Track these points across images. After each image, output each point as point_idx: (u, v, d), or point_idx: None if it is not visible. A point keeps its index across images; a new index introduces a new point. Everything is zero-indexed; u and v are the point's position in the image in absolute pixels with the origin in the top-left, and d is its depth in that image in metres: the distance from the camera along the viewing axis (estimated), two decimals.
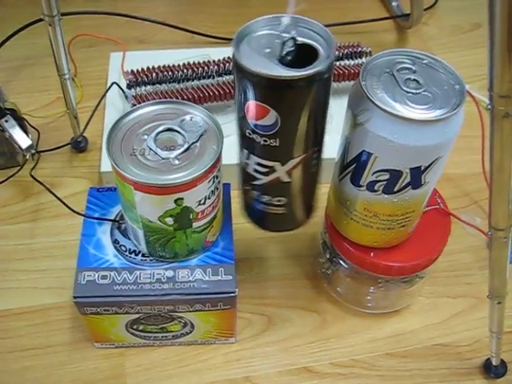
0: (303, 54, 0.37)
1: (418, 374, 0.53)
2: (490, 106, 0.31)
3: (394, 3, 0.93)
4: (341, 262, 0.53)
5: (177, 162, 0.41)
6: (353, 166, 0.43)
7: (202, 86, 0.65)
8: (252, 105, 0.37)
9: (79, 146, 0.69)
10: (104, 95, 0.66)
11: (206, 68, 0.66)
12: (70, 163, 0.69)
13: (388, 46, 0.88)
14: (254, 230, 0.52)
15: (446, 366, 0.54)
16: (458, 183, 0.69)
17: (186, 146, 0.41)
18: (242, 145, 0.42)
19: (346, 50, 0.69)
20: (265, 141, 0.39)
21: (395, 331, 0.56)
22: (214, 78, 0.66)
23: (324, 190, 0.50)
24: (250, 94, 0.37)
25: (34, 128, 0.68)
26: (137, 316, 0.48)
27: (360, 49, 0.70)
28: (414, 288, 0.55)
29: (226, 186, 0.51)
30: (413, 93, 0.39)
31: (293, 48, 0.37)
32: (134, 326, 0.49)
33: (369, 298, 0.56)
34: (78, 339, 0.53)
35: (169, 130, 0.43)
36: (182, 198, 0.41)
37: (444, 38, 0.92)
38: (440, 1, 0.98)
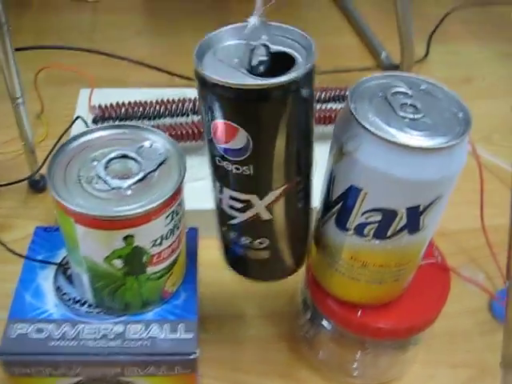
0: (279, 65, 0.31)
1: None
2: None
3: (383, 55, 0.90)
4: (323, 322, 0.46)
5: (129, 192, 0.34)
6: (338, 205, 0.36)
7: (176, 123, 0.59)
8: (219, 125, 0.31)
9: (37, 185, 0.62)
10: (66, 130, 0.60)
11: (180, 105, 0.61)
12: (25, 204, 0.62)
13: None
14: (224, 282, 0.45)
15: None
16: (454, 239, 0.63)
17: (141, 174, 0.35)
18: (214, 176, 0.35)
19: (332, 93, 0.64)
20: (237, 169, 0.32)
21: None
22: (188, 115, 0.60)
23: None
24: (216, 111, 0.31)
25: None
26: (77, 380, 0.39)
27: (347, 92, 0.65)
28: (407, 355, 0.47)
29: (192, 231, 0.44)
30: (410, 118, 0.33)
31: (265, 57, 0.31)
32: None
33: (355, 365, 0.48)
34: None
35: (123, 156, 0.36)
36: (133, 236, 0.34)
37: None
38: (431, 54, 0.96)
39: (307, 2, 1.10)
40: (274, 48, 0.31)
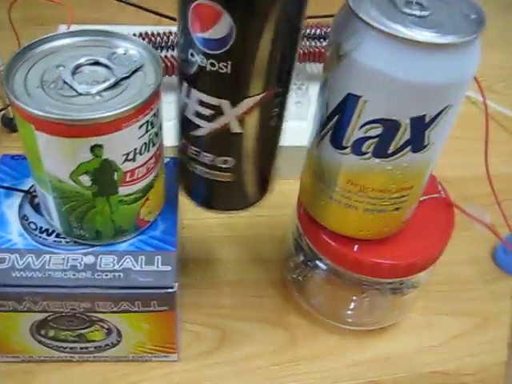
0: None
1: None
2: None
3: None
4: (317, 262, 0.42)
5: (98, 98, 0.30)
6: (334, 119, 0.32)
7: (160, 56, 0.55)
8: (199, 7, 0.27)
9: (11, 123, 0.58)
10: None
11: (165, 38, 0.56)
12: None
13: None
14: (208, 227, 0.41)
15: None
16: (458, 187, 0.59)
17: (112, 80, 0.31)
18: (182, 76, 0.31)
19: (324, 29, 0.60)
20: (212, 65, 0.28)
21: (382, 354, 0.45)
22: (173, 49, 0.56)
23: (291, 187, 0.41)
24: None
25: None
26: (44, 316, 0.36)
27: None
28: (404, 300, 0.44)
29: (174, 160, 0.40)
30: (417, 15, 0.29)
31: None
32: (42, 332, 0.37)
33: (350, 310, 0.45)
34: None
35: (94, 63, 0.32)
36: (102, 146, 0.30)
37: None
38: None
39: None
40: None
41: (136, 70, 0.32)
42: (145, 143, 0.32)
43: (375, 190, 0.34)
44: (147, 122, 0.31)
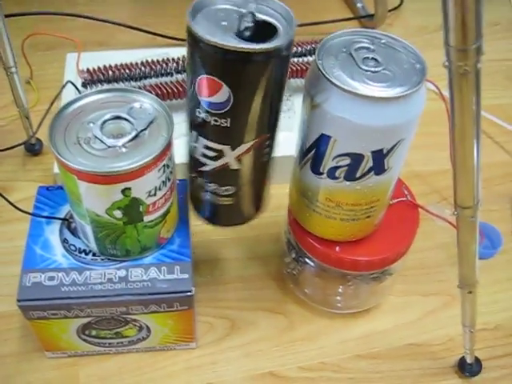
0: (262, 32, 0.34)
1: (390, 376, 0.51)
2: (447, 63, 0.28)
3: (358, 4, 0.93)
4: (307, 260, 0.50)
5: (124, 149, 0.38)
6: (312, 152, 0.41)
7: (161, 83, 0.63)
8: (204, 80, 0.34)
9: (33, 148, 0.66)
10: (58, 94, 0.63)
11: (164, 65, 0.64)
12: (23, 167, 0.66)
13: None
14: (215, 231, 0.50)
15: (419, 367, 0.51)
16: (427, 180, 0.67)
17: (133, 133, 0.39)
18: (191, 126, 0.39)
19: (308, 47, 0.67)
20: (215, 121, 0.36)
21: (365, 332, 0.54)
22: (172, 75, 0.63)
23: (283, 191, 0.48)
24: (204, 67, 0.34)
25: None
26: (88, 320, 0.44)
27: None
28: (383, 285, 0.52)
29: (183, 182, 0.48)
30: (372, 71, 0.37)
31: (251, 24, 0.35)
32: (86, 332, 0.46)
33: (338, 297, 0.53)
34: (28, 349, 0.50)
35: (116, 117, 0.40)
36: (130, 188, 0.38)
37: (409, 38, 0.89)
38: (405, 2, 0.98)
39: None
40: (260, 17, 0.35)
41: (151, 122, 0.40)
42: (163, 181, 0.40)
43: (348, 204, 0.42)
44: (164, 165, 0.39)
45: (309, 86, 0.39)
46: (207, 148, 0.39)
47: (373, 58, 0.38)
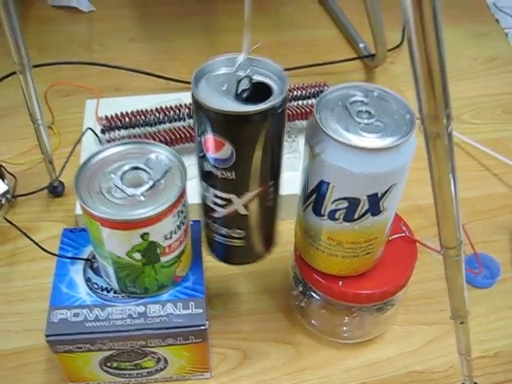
0: (259, 91, 0.39)
1: None
2: (421, 128, 0.32)
3: (361, 45, 0.97)
4: (313, 294, 0.54)
5: (142, 198, 0.42)
6: (313, 196, 0.44)
7: (174, 128, 0.67)
8: (209, 139, 0.39)
9: (56, 190, 0.70)
10: (79, 140, 0.68)
11: (177, 111, 0.68)
12: (47, 208, 0.70)
13: None
14: (226, 267, 0.53)
15: None
16: (428, 213, 0.71)
17: (151, 182, 0.43)
18: (202, 178, 0.43)
19: (312, 90, 0.72)
20: (222, 174, 0.40)
21: (370, 360, 0.57)
22: (185, 120, 0.68)
23: (290, 226, 0.52)
24: (208, 128, 0.38)
25: (10, 174, 0.70)
26: (110, 353, 0.48)
27: (326, 88, 0.72)
28: (387, 315, 0.55)
29: (196, 223, 0.52)
30: (365, 123, 0.41)
31: (248, 86, 0.39)
32: (108, 364, 0.49)
33: (343, 328, 0.57)
34: (53, 381, 0.54)
35: (135, 168, 0.44)
36: (148, 233, 0.42)
37: (409, 75, 0.95)
38: (406, 40, 1.02)
39: None
40: (256, 78, 0.39)
41: (166, 172, 0.44)
42: (177, 225, 0.44)
43: (348, 243, 0.46)
44: (179, 211, 0.43)
45: (309, 137, 0.42)
46: (216, 197, 0.43)
47: (366, 111, 0.42)
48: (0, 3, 0.51)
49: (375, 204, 0.43)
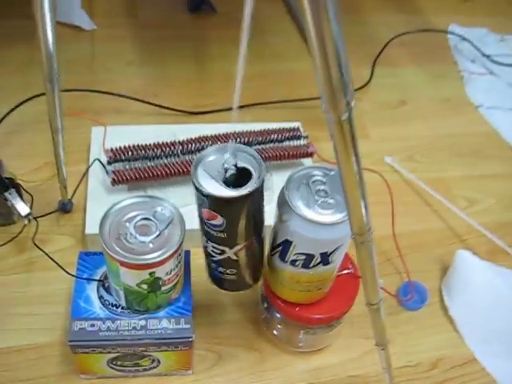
0: (242, 174, 0.52)
1: None
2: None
3: None
4: (275, 312, 0.68)
5: (151, 245, 0.56)
6: (280, 247, 0.59)
7: (169, 163, 0.80)
8: (206, 211, 0.52)
9: (65, 208, 0.82)
10: (87, 170, 0.81)
11: (172, 148, 0.81)
12: (57, 222, 0.82)
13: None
14: (208, 285, 0.67)
15: None
16: (376, 244, 0.85)
17: (157, 232, 0.56)
18: (203, 233, 0.57)
19: (287, 134, 0.86)
20: (216, 233, 0.54)
21: (319, 365, 0.72)
22: (178, 156, 0.81)
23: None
24: (204, 203, 0.52)
25: (27, 192, 0.82)
26: (116, 355, 0.62)
27: (299, 133, 0.86)
28: (334, 331, 0.70)
29: (187, 253, 0.66)
30: (321, 201, 0.55)
31: (234, 171, 0.52)
32: (114, 362, 0.63)
33: (299, 339, 0.71)
34: (66, 371, 0.67)
35: (145, 219, 0.57)
36: (155, 271, 0.56)
37: (375, 112, 1.09)
38: (374, 78, 1.15)
39: (269, 26, 1.28)
40: (240, 165, 0.52)
41: (169, 223, 0.57)
42: (176, 264, 0.58)
43: (305, 281, 0.60)
44: (178, 255, 0.57)
45: (279, 205, 0.56)
46: (213, 247, 0.57)
47: (323, 190, 0.56)
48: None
49: (325, 258, 0.57)
